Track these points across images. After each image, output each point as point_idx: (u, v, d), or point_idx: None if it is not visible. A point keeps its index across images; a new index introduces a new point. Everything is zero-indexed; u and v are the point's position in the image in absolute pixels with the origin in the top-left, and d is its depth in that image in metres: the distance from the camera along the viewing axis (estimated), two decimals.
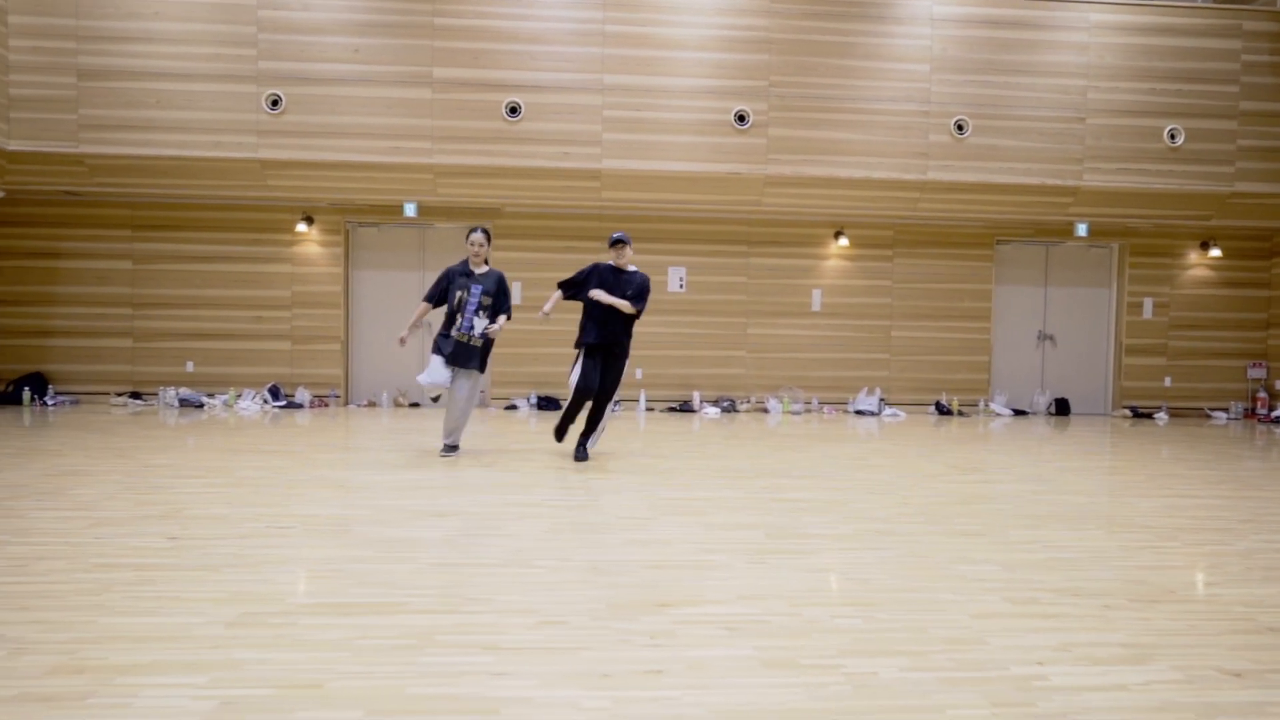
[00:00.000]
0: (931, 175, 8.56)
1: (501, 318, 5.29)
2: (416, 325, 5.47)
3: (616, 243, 5.30)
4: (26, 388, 8.34)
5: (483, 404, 9.17)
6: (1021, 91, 8.57)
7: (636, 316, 5.30)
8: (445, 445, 5.46)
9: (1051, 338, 9.70)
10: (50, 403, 8.33)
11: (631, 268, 5.39)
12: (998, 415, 9.22)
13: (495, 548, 3.16)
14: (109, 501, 3.85)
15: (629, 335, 5.36)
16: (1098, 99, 8.63)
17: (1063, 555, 3.18)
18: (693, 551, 3.16)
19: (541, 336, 8.97)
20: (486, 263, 5.41)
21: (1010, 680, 2.01)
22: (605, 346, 5.26)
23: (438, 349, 5.26)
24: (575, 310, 5.73)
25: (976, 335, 9.46)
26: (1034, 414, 9.47)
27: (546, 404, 8.89)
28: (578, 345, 5.36)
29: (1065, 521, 3.80)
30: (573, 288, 5.35)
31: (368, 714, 1.79)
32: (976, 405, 9.45)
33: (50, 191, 8.40)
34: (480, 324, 5.21)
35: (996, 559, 3.11)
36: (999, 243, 9.55)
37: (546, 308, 5.28)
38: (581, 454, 5.33)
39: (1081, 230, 9.20)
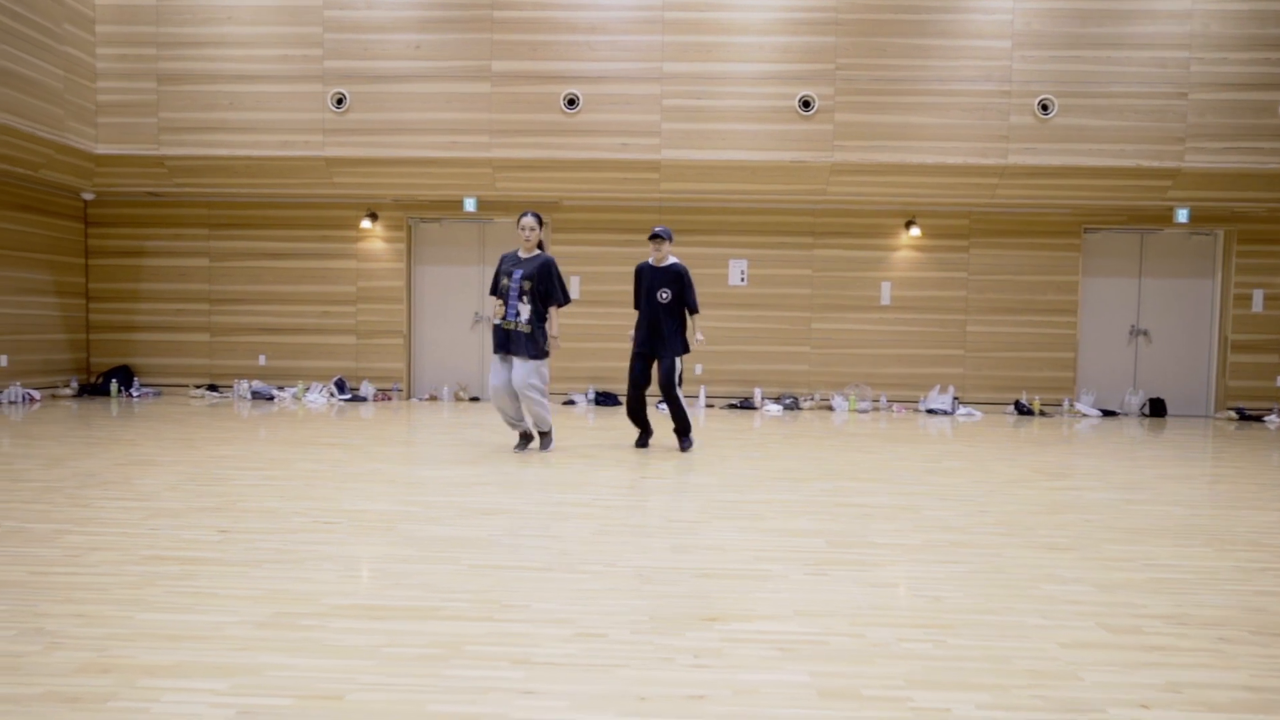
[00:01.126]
0: (1012, 159, 8.02)
1: (551, 309, 5.22)
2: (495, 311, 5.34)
3: (656, 237, 5.45)
4: (114, 379, 8.76)
5: None
6: (1114, 66, 7.93)
7: (694, 311, 5.56)
8: (538, 434, 5.42)
9: (1146, 333, 8.99)
10: (135, 394, 8.73)
11: (669, 260, 5.52)
12: (1084, 416, 8.60)
13: (540, 550, 3.03)
14: (169, 492, 3.92)
15: (675, 333, 5.51)
16: (1202, 72, 7.91)
17: (1167, 576, 2.83)
18: (746, 560, 2.95)
19: (599, 331, 8.87)
20: (540, 247, 5.29)
21: None
22: (650, 352, 5.52)
23: (494, 348, 5.27)
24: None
25: (1061, 330, 8.84)
26: (1125, 415, 8.80)
27: (604, 399, 8.78)
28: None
29: (1168, 536, 3.41)
30: (636, 299, 5.64)
31: None
32: (1060, 405, 8.84)
33: (134, 192, 8.78)
34: (525, 310, 5.12)
35: (1090, 578, 2.79)
36: (1087, 231, 8.89)
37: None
38: (685, 444, 5.56)
39: (1182, 216, 8.47)
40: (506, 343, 5.18)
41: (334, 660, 2.01)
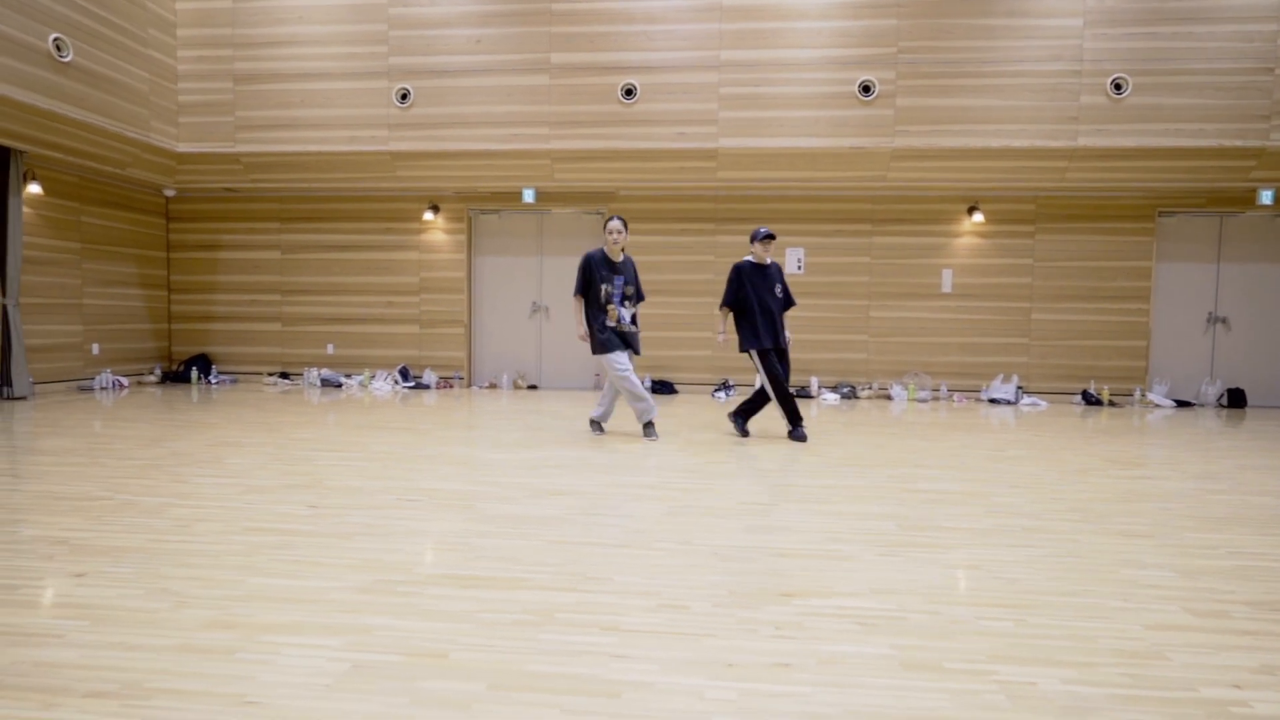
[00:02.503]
0: (1083, 141, 7.77)
1: (575, 301, 5.54)
2: (579, 322, 5.52)
3: (766, 238, 5.49)
4: (194, 367, 9.22)
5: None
6: (1194, 42, 7.60)
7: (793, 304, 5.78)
8: (644, 426, 5.48)
9: (1224, 320, 8.62)
10: (213, 381, 9.18)
11: (768, 259, 5.61)
12: (1157, 406, 8.31)
13: (613, 528, 3.13)
14: (259, 470, 4.15)
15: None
16: None
17: (1254, 564, 2.77)
18: (818, 540, 2.99)
19: (656, 320, 8.94)
20: (624, 250, 5.55)
21: (1201, 704, 1.73)
22: (780, 347, 5.58)
23: (611, 344, 5.37)
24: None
25: (1132, 318, 8.55)
26: (1201, 406, 8.47)
27: (662, 387, 8.86)
28: (747, 349, 5.56)
29: (1252, 526, 3.32)
30: (734, 299, 5.56)
31: (490, 687, 1.78)
32: (1131, 395, 8.56)
33: (212, 188, 9.21)
34: (628, 312, 5.47)
35: (1171, 564, 2.75)
36: (1162, 215, 8.56)
37: (723, 332, 5.67)
38: (800, 435, 5.54)
39: (1266, 198, 8.08)
40: (627, 344, 5.49)
41: (434, 623, 2.13)
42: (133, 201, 8.97)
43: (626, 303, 5.43)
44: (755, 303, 5.46)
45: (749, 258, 5.57)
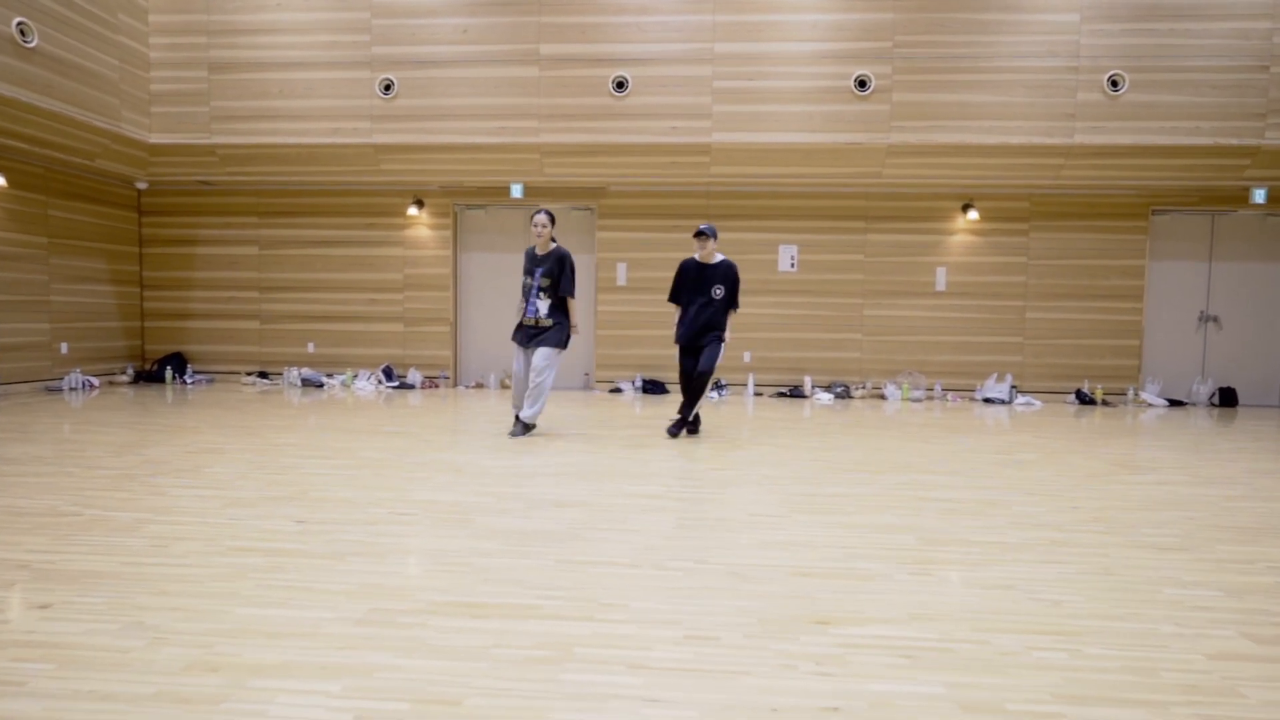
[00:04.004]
0: (1079, 139, 7.70)
1: (570, 302, 5.39)
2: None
3: (701, 234, 5.48)
4: (169, 366, 8.88)
5: (587, 387, 9.07)
6: (1190, 39, 7.55)
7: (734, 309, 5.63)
8: (516, 419, 5.48)
9: (1216, 319, 8.62)
10: (189, 381, 8.85)
11: (717, 258, 5.56)
12: (1150, 406, 8.29)
13: (622, 544, 2.95)
14: (241, 481, 3.91)
15: (722, 326, 5.53)
16: None
17: None
18: (840, 557, 2.84)
19: (647, 319, 8.76)
20: (553, 241, 5.44)
21: None
22: (693, 346, 5.56)
23: (513, 336, 5.52)
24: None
25: (1126, 317, 8.52)
26: (1193, 404, 8.47)
27: (652, 387, 8.69)
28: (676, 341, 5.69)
29: None
30: (672, 295, 5.66)
31: None
32: (1124, 394, 8.54)
33: (186, 181, 8.86)
34: (544, 305, 5.35)
35: (1214, 581, 2.63)
36: (1155, 213, 8.54)
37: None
38: (676, 430, 5.55)
39: (1259, 196, 8.07)
40: (529, 339, 5.41)
41: (443, 661, 1.94)
42: (103, 194, 8.60)
43: (543, 294, 5.33)
44: (691, 299, 5.54)
45: (695, 255, 5.62)
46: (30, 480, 3.86)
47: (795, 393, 8.61)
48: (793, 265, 8.74)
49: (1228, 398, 8.45)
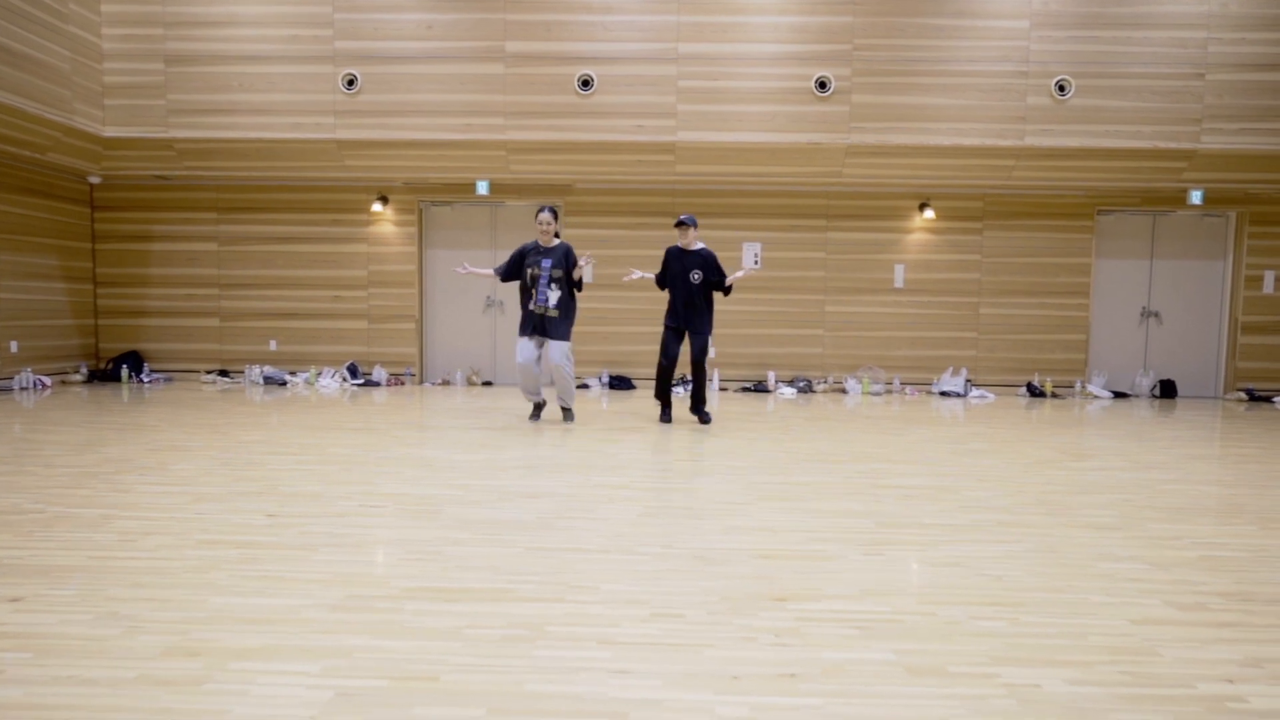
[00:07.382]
0: (1029, 141, 8.01)
1: (584, 264, 5.73)
2: (477, 276, 6.21)
3: (681, 224, 5.95)
4: (125, 365, 8.69)
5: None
6: (1132, 47, 7.90)
7: (727, 291, 6.07)
8: (563, 409, 6.04)
9: (1157, 315, 9.03)
10: (146, 380, 8.67)
11: (698, 245, 6.07)
12: (1096, 398, 8.65)
13: (591, 532, 3.04)
14: (207, 477, 3.90)
15: (706, 311, 6.03)
16: (1220, 52, 7.88)
17: (1220, 554, 2.86)
18: (801, 540, 2.97)
19: (613, 315, 8.85)
20: (557, 236, 5.81)
21: (1200, 701, 1.76)
22: (679, 326, 6.02)
23: (521, 330, 5.84)
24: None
25: (1073, 312, 8.87)
26: (1136, 396, 8.86)
27: (619, 383, 8.78)
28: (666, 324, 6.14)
29: (1211, 515, 3.45)
30: (659, 279, 6.14)
31: (490, 712, 1.67)
32: (1072, 387, 8.89)
33: (142, 176, 8.67)
34: (554, 295, 5.69)
35: (1144, 556, 2.82)
36: (1100, 213, 8.90)
37: (635, 275, 6.16)
38: (704, 416, 6.09)
39: (1196, 198, 8.48)
40: (541, 327, 5.74)
41: (419, 641, 2.01)
42: (54, 188, 8.38)
43: (554, 285, 5.66)
44: (676, 284, 5.99)
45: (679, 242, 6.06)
46: None
47: (759, 387, 8.78)
48: (756, 262, 8.90)
49: (1168, 389, 8.86)
